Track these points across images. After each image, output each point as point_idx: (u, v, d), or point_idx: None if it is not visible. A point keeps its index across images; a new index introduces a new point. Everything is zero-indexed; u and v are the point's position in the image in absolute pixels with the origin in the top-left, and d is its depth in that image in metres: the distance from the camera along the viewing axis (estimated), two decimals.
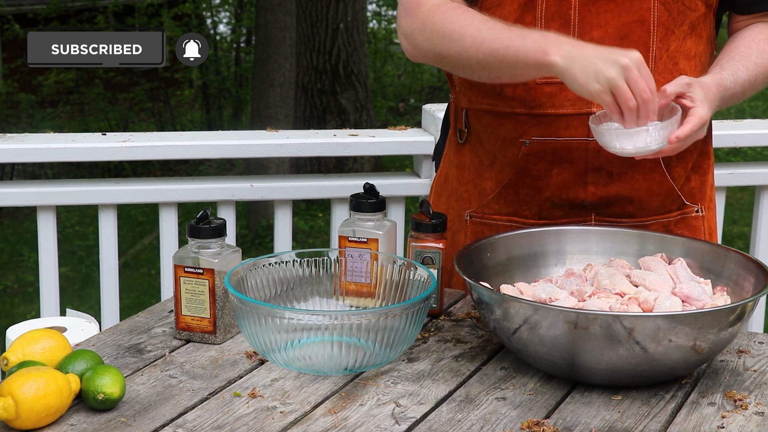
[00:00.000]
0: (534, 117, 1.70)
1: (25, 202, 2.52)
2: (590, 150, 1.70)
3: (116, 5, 14.65)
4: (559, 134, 1.70)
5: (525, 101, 1.70)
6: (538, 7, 1.66)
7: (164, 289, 2.59)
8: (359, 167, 9.14)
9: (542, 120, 1.70)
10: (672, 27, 1.67)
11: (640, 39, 1.66)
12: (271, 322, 1.40)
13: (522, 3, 1.66)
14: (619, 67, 1.46)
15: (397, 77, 15.72)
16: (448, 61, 1.64)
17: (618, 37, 1.65)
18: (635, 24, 1.65)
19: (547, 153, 1.71)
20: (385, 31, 15.93)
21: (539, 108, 1.70)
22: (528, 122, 1.71)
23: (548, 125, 1.70)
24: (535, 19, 1.66)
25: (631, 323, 1.34)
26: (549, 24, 1.66)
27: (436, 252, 1.66)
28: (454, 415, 1.34)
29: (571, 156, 1.71)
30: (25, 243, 9.19)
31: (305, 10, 9.09)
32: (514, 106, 1.71)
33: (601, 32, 1.65)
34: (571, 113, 1.69)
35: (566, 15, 1.65)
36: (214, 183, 2.58)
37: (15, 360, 1.39)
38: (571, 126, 1.69)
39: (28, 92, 13.84)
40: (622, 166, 1.72)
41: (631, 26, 1.65)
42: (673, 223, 1.78)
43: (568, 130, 1.70)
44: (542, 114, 1.70)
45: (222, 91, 14.00)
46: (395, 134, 2.66)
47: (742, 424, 1.33)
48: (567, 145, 1.70)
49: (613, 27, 1.65)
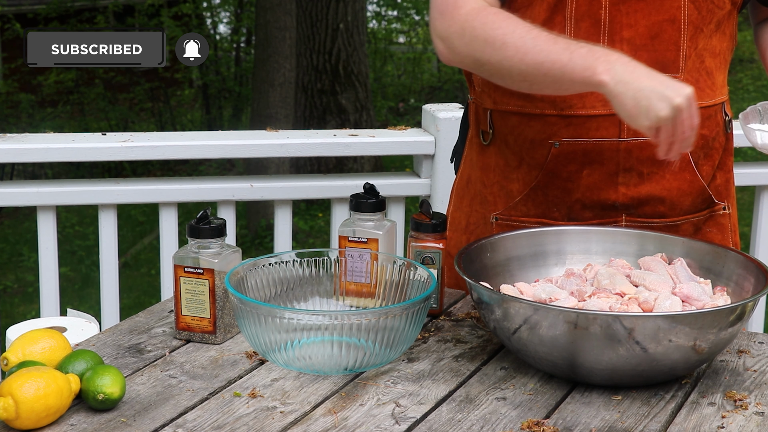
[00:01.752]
0: (564, 118, 1.69)
1: (25, 202, 2.52)
2: (621, 150, 1.69)
3: (116, 5, 14.65)
4: (590, 135, 1.69)
5: (555, 102, 1.69)
6: (568, 7, 1.64)
7: (164, 289, 2.59)
8: (359, 167, 9.14)
9: (573, 121, 1.69)
10: (701, 25, 1.66)
11: (671, 38, 1.65)
12: (271, 322, 1.40)
13: (552, 3, 1.65)
14: (672, 108, 1.41)
15: (397, 77, 15.72)
16: (488, 68, 1.59)
17: (649, 36, 1.64)
18: (666, 23, 1.64)
19: (578, 154, 1.70)
20: (385, 31, 15.94)
21: (569, 109, 1.69)
22: (558, 123, 1.70)
23: (579, 126, 1.69)
24: (565, 19, 1.65)
25: (631, 323, 1.34)
26: (579, 24, 1.64)
27: (436, 252, 1.66)
28: (454, 415, 1.34)
29: (602, 157, 1.70)
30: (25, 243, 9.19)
31: (305, 10, 9.09)
32: (544, 108, 1.70)
33: (632, 31, 1.64)
34: (602, 114, 1.67)
35: (596, 15, 1.64)
36: (214, 183, 2.58)
37: (15, 360, 1.39)
38: (602, 127, 1.68)
39: (28, 92, 13.84)
40: (653, 166, 1.71)
41: (662, 25, 1.64)
42: (703, 221, 1.78)
43: (599, 131, 1.69)
44: (573, 115, 1.69)
45: (222, 91, 13.99)
46: (395, 134, 2.66)
47: (742, 424, 1.33)
48: (598, 146, 1.69)
49: (643, 26, 1.64)
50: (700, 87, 1.69)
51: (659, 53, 1.65)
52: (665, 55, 1.65)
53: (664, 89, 1.41)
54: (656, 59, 1.64)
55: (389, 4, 15.60)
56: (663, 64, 1.64)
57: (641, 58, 1.60)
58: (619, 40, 1.64)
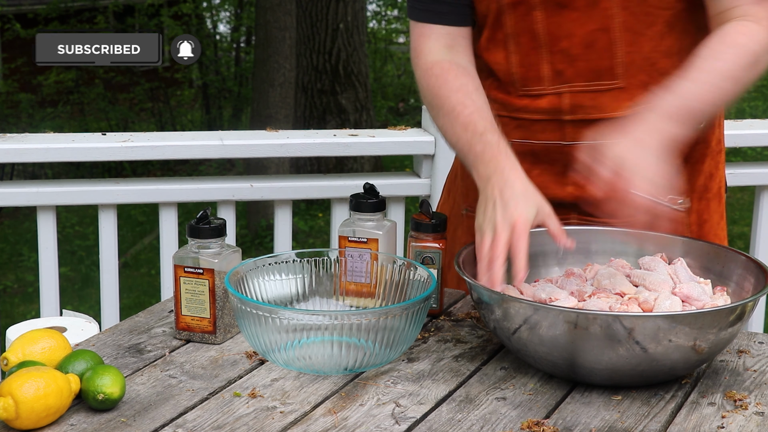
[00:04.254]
0: (514, 119, 1.75)
1: (25, 202, 2.52)
2: (565, 153, 1.72)
3: (116, 5, 14.64)
4: (537, 137, 1.75)
5: (505, 105, 1.76)
6: (506, 24, 1.71)
7: (164, 289, 2.59)
8: (359, 167, 9.14)
9: (522, 123, 1.75)
10: (642, 30, 1.67)
11: (604, 47, 1.68)
12: (271, 322, 1.40)
13: (491, 22, 1.72)
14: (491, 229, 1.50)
15: (397, 77, 15.72)
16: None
17: (583, 45, 1.68)
18: (598, 32, 1.67)
19: (528, 154, 1.74)
20: (385, 31, 15.93)
21: (517, 112, 1.75)
22: (510, 124, 1.75)
23: (526, 129, 1.75)
24: (506, 36, 1.71)
25: (631, 323, 1.34)
26: (518, 39, 1.70)
27: (436, 252, 1.66)
28: (454, 415, 1.34)
29: (549, 158, 1.75)
30: (25, 243, 9.19)
31: (305, 10, 9.09)
32: (498, 109, 1.75)
33: (568, 42, 1.68)
34: (545, 119, 1.73)
35: (532, 29, 1.69)
36: (214, 183, 2.58)
37: (15, 360, 1.39)
38: (546, 130, 1.74)
39: (28, 92, 13.84)
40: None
41: (594, 35, 1.67)
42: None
43: (544, 134, 1.74)
44: (520, 118, 1.75)
45: (222, 91, 14.00)
46: (395, 134, 2.66)
47: (742, 424, 1.33)
48: (545, 148, 1.75)
49: (578, 36, 1.68)
50: (651, 89, 1.67)
51: (593, 62, 1.68)
52: (599, 63, 1.68)
53: (502, 212, 1.51)
54: (591, 68, 1.69)
55: (389, 4, 15.59)
56: (598, 73, 1.69)
57: (578, 68, 1.69)
58: (558, 50, 1.69)
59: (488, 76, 1.77)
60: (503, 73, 1.74)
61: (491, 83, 1.77)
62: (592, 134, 1.66)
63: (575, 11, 1.67)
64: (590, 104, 1.70)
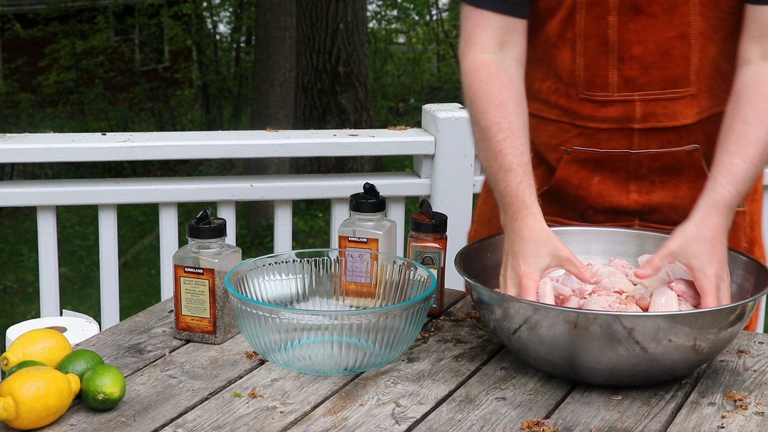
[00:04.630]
0: (576, 127, 1.71)
1: (25, 202, 2.51)
2: (632, 161, 1.69)
3: (116, 5, 14.64)
4: (601, 146, 1.70)
5: (567, 111, 1.71)
6: (577, 25, 1.65)
7: (164, 289, 2.59)
8: (359, 167, 9.15)
9: (584, 132, 1.70)
10: (711, 35, 1.64)
11: (681, 54, 1.64)
12: (271, 322, 1.40)
13: (563, 18, 1.66)
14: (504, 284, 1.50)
15: (397, 77, 15.72)
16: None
17: (658, 53, 1.63)
18: (675, 39, 1.63)
19: (589, 162, 1.71)
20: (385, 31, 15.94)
21: (581, 120, 1.70)
22: (570, 131, 1.71)
23: (590, 137, 1.70)
24: (575, 35, 1.65)
25: (631, 323, 1.34)
26: (587, 42, 1.65)
27: (436, 252, 1.66)
28: (454, 415, 1.34)
29: (612, 165, 1.71)
30: (25, 243, 9.19)
31: (305, 10, 9.09)
32: (559, 115, 1.71)
33: (641, 49, 1.63)
34: (612, 127, 1.68)
35: (604, 34, 1.64)
36: (214, 183, 2.58)
37: (15, 360, 1.39)
38: (612, 138, 1.69)
39: (28, 92, 13.84)
40: (665, 175, 1.71)
41: (671, 42, 1.63)
42: None
43: (609, 143, 1.69)
44: (584, 126, 1.70)
45: (222, 91, 14.00)
46: (395, 134, 2.65)
47: (742, 424, 1.33)
48: (609, 156, 1.70)
49: (653, 43, 1.63)
50: (715, 94, 1.68)
51: (669, 70, 1.64)
52: (675, 71, 1.64)
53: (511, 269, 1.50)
54: (666, 76, 1.64)
55: (389, 4, 15.60)
56: (674, 81, 1.65)
57: (651, 75, 1.64)
58: (629, 57, 1.64)
59: (547, 77, 1.72)
60: (567, 73, 1.68)
61: (550, 86, 1.72)
62: (660, 142, 1.66)
63: (651, 17, 1.62)
64: (662, 112, 1.66)
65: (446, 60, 15.65)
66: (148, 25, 14.72)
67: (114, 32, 15.13)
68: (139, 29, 15.57)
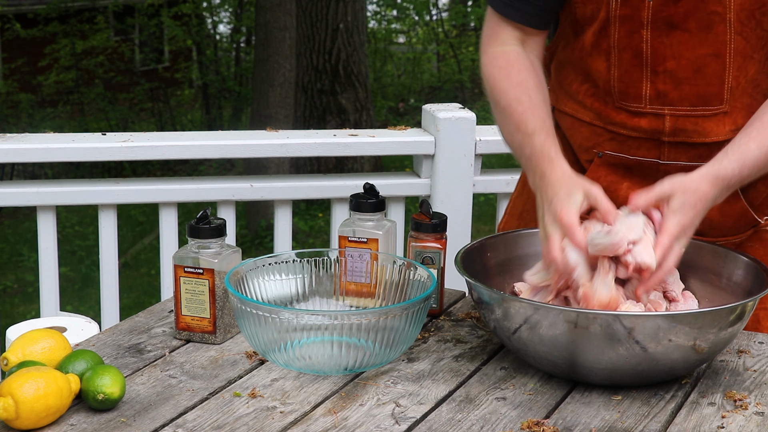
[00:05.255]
0: (608, 131, 1.70)
1: (25, 202, 2.52)
2: (660, 171, 1.69)
3: (116, 5, 14.64)
4: (631, 153, 1.69)
5: (601, 115, 1.70)
6: (611, 37, 1.64)
7: (164, 289, 2.59)
8: (359, 167, 9.15)
9: (616, 137, 1.70)
10: (751, 53, 1.62)
11: (715, 72, 1.62)
12: (271, 322, 1.40)
13: (597, 30, 1.65)
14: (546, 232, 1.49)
15: (397, 77, 15.73)
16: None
17: (692, 69, 1.62)
18: (710, 57, 1.61)
19: (619, 167, 1.71)
20: (385, 31, 15.94)
21: (613, 126, 1.70)
22: (603, 135, 1.71)
23: (621, 143, 1.70)
24: (609, 47, 1.65)
25: (630, 323, 1.34)
26: (621, 54, 1.64)
27: (436, 252, 1.66)
28: (454, 415, 1.34)
29: (642, 173, 1.70)
30: (25, 243, 9.19)
31: (305, 10, 9.09)
32: (592, 118, 1.71)
33: (675, 64, 1.62)
34: (642, 137, 1.68)
35: (638, 47, 1.63)
36: (214, 183, 2.58)
37: (15, 360, 1.39)
38: (642, 147, 1.68)
39: (28, 92, 13.84)
40: None
41: (705, 59, 1.61)
42: (745, 239, 1.74)
43: (639, 151, 1.69)
44: (615, 132, 1.70)
45: (222, 91, 14.00)
46: (395, 134, 2.66)
47: (742, 424, 1.33)
48: (638, 163, 1.70)
49: (686, 59, 1.61)
50: (753, 111, 1.64)
51: (701, 87, 1.62)
52: (708, 89, 1.62)
53: (548, 213, 1.50)
54: (698, 93, 1.63)
55: (389, 4, 15.60)
56: (705, 98, 1.63)
57: (683, 91, 1.63)
58: (662, 71, 1.62)
59: (585, 81, 1.71)
60: (603, 82, 1.68)
61: (588, 89, 1.71)
62: (690, 156, 1.66)
63: (686, 32, 1.60)
64: (692, 128, 1.65)
65: (446, 60, 15.65)
66: (148, 25, 14.72)
67: (114, 32, 15.14)
68: (139, 29, 15.57)
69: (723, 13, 1.58)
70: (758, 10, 1.58)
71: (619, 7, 1.61)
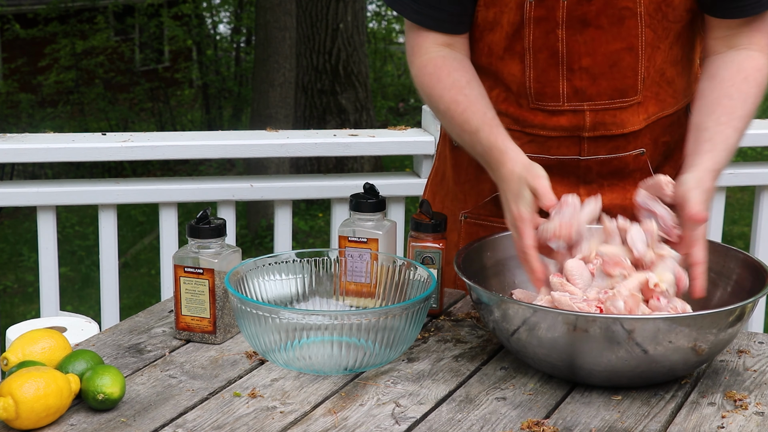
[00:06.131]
0: (527, 134, 1.73)
1: (25, 202, 2.52)
2: (581, 167, 1.72)
3: (116, 5, 14.64)
4: (551, 153, 1.73)
5: (518, 120, 1.72)
6: (526, 38, 1.67)
7: (164, 289, 2.59)
8: (359, 167, 9.15)
9: (535, 139, 1.72)
10: (657, 44, 1.67)
11: (629, 65, 1.66)
12: (271, 322, 1.40)
13: (510, 33, 1.67)
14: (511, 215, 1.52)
15: (397, 77, 15.72)
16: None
17: (607, 65, 1.66)
18: (623, 51, 1.65)
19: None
20: (385, 31, 15.93)
21: (531, 128, 1.72)
22: (521, 138, 1.72)
23: (541, 144, 1.72)
24: (524, 49, 1.67)
25: (630, 325, 1.34)
26: (537, 55, 1.67)
27: (436, 252, 1.66)
28: (454, 415, 1.34)
29: (563, 171, 1.73)
30: (25, 243, 9.20)
31: (305, 10, 9.09)
32: (509, 123, 1.71)
33: (590, 60, 1.66)
34: (563, 135, 1.71)
35: (554, 47, 1.66)
36: (214, 183, 2.58)
37: (15, 360, 1.39)
38: (563, 146, 1.72)
39: (28, 92, 13.84)
40: (613, 179, 1.74)
41: (619, 54, 1.65)
42: None
43: (560, 150, 1.72)
44: (534, 134, 1.72)
45: (222, 91, 14.00)
46: (395, 134, 2.66)
47: (742, 424, 1.33)
48: (559, 162, 1.73)
49: (601, 55, 1.65)
50: (661, 99, 1.71)
51: (618, 81, 1.67)
52: (624, 82, 1.67)
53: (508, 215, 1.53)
54: (615, 87, 1.67)
55: None
56: (622, 91, 1.67)
57: (601, 86, 1.67)
58: (578, 68, 1.66)
59: (495, 86, 1.73)
60: (517, 85, 1.70)
61: (499, 94, 1.73)
62: (608, 149, 1.70)
63: (599, 29, 1.64)
64: (611, 121, 1.69)
65: None
66: (148, 25, 14.72)
67: (114, 32, 15.14)
68: (139, 29, 15.57)
69: (633, 7, 1.63)
70: (663, 2, 1.64)
71: (534, 9, 1.64)
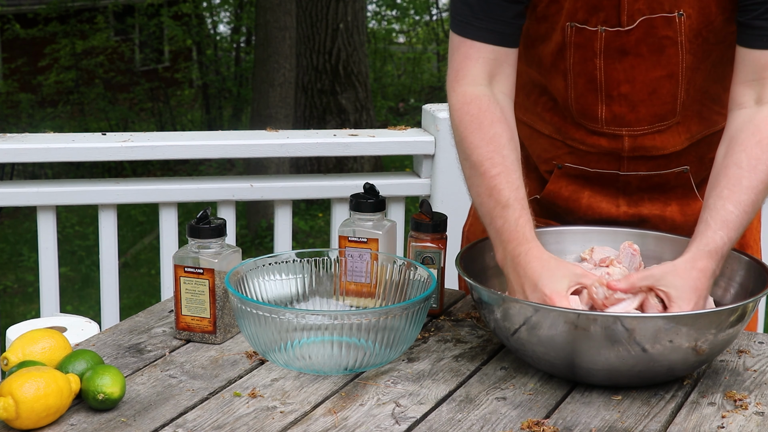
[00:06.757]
0: (567, 146, 1.71)
1: (25, 202, 2.51)
2: (620, 180, 1.71)
3: (116, 5, 14.64)
4: (591, 166, 1.71)
5: (560, 130, 1.71)
6: (567, 61, 1.64)
7: (164, 289, 2.59)
8: (359, 167, 9.15)
9: (575, 151, 1.71)
10: (698, 65, 1.63)
11: (669, 92, 1.63)
12: (271, 322, 1.40)
13: (555, 51, 1.64)
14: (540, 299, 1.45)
15: (397, 77, 15.72)
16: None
17: (647, 92, 1.63)
18: (664, 79, 1.62)
19: (579, 178, 1.73)
20: (385, 31, 15.94)
21: (572, 141, 1.70)
22: (562, 148, 1.71)
23: (581, 156, 1.71)
24: (566, 69, 1.64)
25: (631, 324, 1.34)
26: (576, 79, 1.64)
27: (436, 252, 1.66)
28: (454, 415, 1.34)
29: (602, 182, 1.72)
30: (25, 243, 9.19)
31: (305, 10, 9.09)
32: (551, 132, 1.71)
33: (629, 88, 1.62)
34: (602, 151, 1.69)
35: (591, 74, 1.63)
36: (214, 183, 2.58)
37: (15, 360, 1.39)
38: (602, 161, 1.70)
39: (28, 92, 13.84)
40: (654, 192, 1.72)
41: (659, 81, 1.62)
42: None
43: (599, 164, 1.70)
44: (575, 146, 1.71)
45: (222, 91, 14.00)
46: (395, 134, 2.65)
47: (742, 424, 1.33)
48: (598, 174, 1.71)
49: (640, 83, 1.62)
50: (704, 117, 1.68)
51: (657, 107, 1.64)
52: (663, 108, 1.64)
53: (530, 293, 1.45)
54: (654, 113, 1.64)
55: (389, 4, 15.59)
56: (661, 116, 1.65)
57: (640, 113, 1.64)
58: (617, 95, 1.63)
59: (543, 94, 1.71)
60: (561, 98, 1.68)
61: (546, 102, 1.71)
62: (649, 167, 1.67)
63: (639, 57, 1.61)
64: (650, 144, 1.67)
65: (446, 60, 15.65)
66: (148, 25, 14.72)
67: (114, 32, 15.14)
68: (139, 29, 15.57)
69: (674, 36, 1.59)
70: (705, 28, 1.59)
71: (574, 35, 1.61)
